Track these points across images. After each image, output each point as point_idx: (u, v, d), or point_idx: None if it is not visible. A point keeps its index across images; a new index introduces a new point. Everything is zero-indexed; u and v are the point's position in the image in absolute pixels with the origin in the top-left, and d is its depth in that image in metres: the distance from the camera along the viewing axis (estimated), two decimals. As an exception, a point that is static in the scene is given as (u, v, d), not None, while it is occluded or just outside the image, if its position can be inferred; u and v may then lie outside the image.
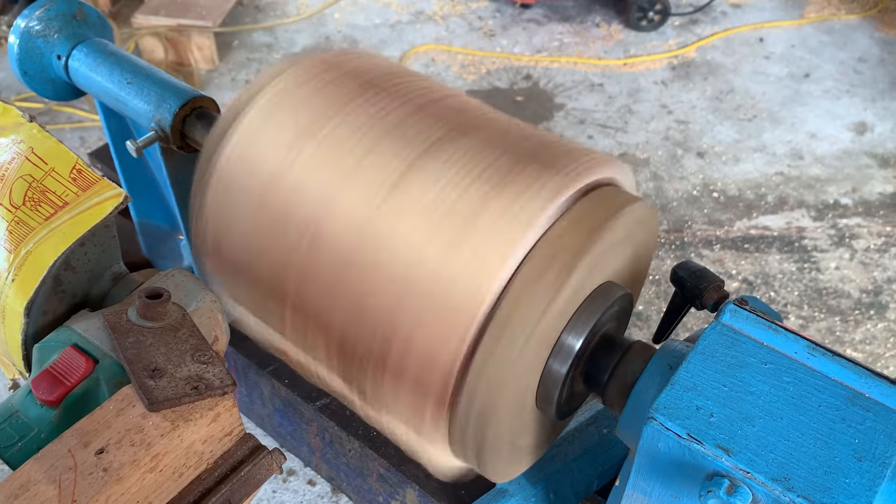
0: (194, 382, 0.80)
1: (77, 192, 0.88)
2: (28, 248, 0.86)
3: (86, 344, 0.85)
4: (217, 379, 0.81)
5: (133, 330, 0.84)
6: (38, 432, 0.80)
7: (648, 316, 2.81)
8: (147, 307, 0.85)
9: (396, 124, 0.94)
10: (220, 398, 0.80)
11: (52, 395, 0.80)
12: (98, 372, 0.83)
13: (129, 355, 0.81)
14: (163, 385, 0.79)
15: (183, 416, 0.78)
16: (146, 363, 0.81)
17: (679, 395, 0.81)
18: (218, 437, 0.80)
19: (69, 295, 0.92)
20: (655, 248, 1.06)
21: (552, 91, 3.84)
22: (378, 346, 0.91)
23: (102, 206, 0.87)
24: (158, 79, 1.27)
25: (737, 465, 0.76)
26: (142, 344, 0.83)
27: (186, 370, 0.81)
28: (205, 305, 0.95)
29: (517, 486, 1.14)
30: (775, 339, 0.85)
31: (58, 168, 0.90)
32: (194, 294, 0.95)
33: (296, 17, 4.33)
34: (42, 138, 0.92)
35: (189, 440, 0.77)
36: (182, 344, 0.84)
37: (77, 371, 0.82)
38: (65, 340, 0.86)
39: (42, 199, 0.89)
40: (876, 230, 3.14)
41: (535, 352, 0.88)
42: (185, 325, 0.86)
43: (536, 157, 0.92)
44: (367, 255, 0.89)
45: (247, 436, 0.84)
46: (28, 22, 1.33)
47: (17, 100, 3.67)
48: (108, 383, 0.82)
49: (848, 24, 4.30)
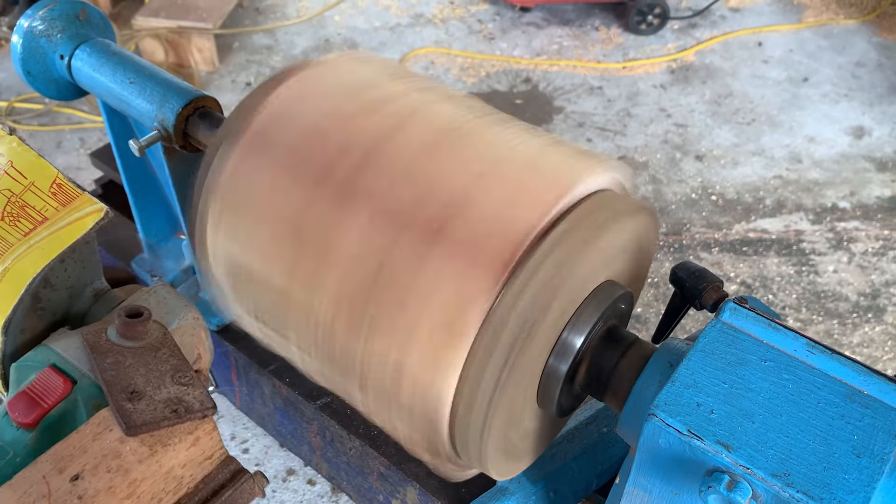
0: (174, 405, 0.78)
1: (57, 207, 0.86)
2: (6, 264, 0.85)
3: (64, 364, 0.83)
4: (197, 401, 0.79)
5: (112, 350, 0.82)
6: (14, 456, 0.77)
7: (647, 318, 2.82)
8: (127, 326, 0.83)
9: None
10: (200, 421, 0.78)
11: (28, 417, 0.78)
12: (76, 393, 0.81)
13: (108, 377, 0.79)
14: (141, 408, 0.77)
15: (161, 441, 0.76)
16: (125, 385, 0.79)
17: (679, 392, 0.82)
18: (198, 461, 0.79)
19: (48, 312, 0.89)
20: (656, 248, 1.07)
21: (551, 94, 3.86)
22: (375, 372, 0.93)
23: (83, 221, 0.85)
24: (161, 79, 1.28)
25: (737, 461, 0.76)
26: (121, 365, 0.81)
27: (166, 392, 0.79)
28: (187, 323, 0.93)
29: (517, 485, 1.14)
30: (775, 337, 0.86)
31: (37, 182, 0.88)
32: (176, 311, 0.93)
33: (296, 20, 4.34)
34: (21, 151, 0.90)
35: (168, 465, 0.76)
36: (162, 364, 0.82)
37: (55, 392, 0.80)
38: (43, 360, 0.84)
39: (21, 214, 0.86)
40: (874, 233, 3.15)
41: (536, 351, 0.89)
42: (165, 345, 0.84)
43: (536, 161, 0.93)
44: (357, 291, 0.89)
45: (228, 459, 0.82)
46: (31, 22, 1.33)
47: (18, 100, 3.68)
48: (86, 405, 0.80)
49: (846, 28, 4.32)
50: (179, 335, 0.90)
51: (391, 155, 0.92)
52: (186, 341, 0.91)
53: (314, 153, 0.94)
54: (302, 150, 0.94)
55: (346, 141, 0.94)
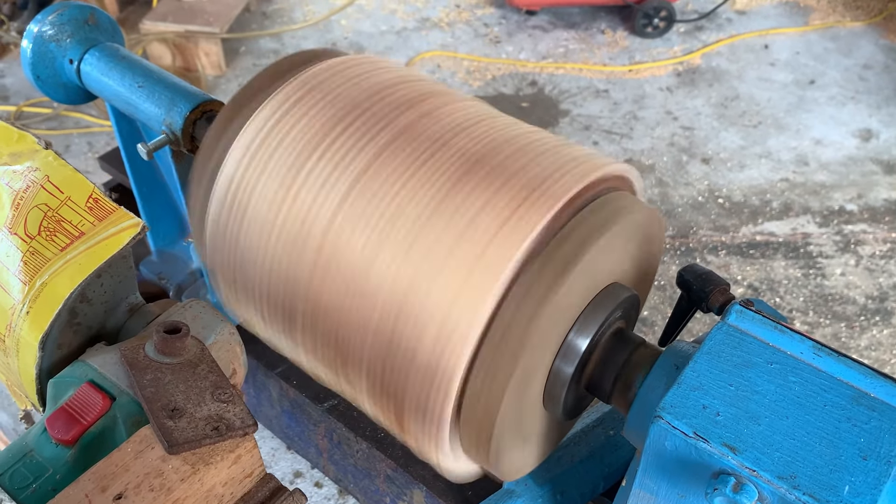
0: (215, 423, 0.77)
1: (93, 221, 0.86)
2: (43, 279, 0.84)
3: (102, 380, 0.82)
4: (238, 419, 0.78)
5: (151, 366, 0.81)
6: (53, 473, 0.76)
7: (653, 321, 2.82)
8: (165, 342, 0.82)
9: (380, 153, 0.94)
10: (241, 439, 0.77)
11: (67, 434, 0.77)
12: (115, 410, 0.79)
13: (148, 393, 0.78)
14: (182, 426, 0.76)
15: (203, 459, 0.75)
16: (165, 402, 0.78)
17: (686, 394, 0.82)
18: (238, 479, 0.78)
19: (84, 327, 0.89)
20: (663, 250, 1.07)
21: (557, 97, 3.86)
22: (380, 367, 0.92)
23: (119, 236, 0.85)
24: (170, 83, 1.29)
25: (743, 464, 0.76)
26: (160, 381, 0.80)
27: (206, 409, 0.78)
28: (223, 338, 0.92)
29: (524, 487, 1.14)
30: (781, 340, 0.86)
31: (74, 197, 0.87)
32: (212, 326, 0.92)
33: (302, 24, 4.35)
34: (58, 166, 0.89)
35: (209, 483, 0.75)
36: (201, 381, 0.81)
37: (93, 409, 0.78)
38: (80, 376, 0.83)
39: (58, 228, 0.86)
40: (881, 236, 3.14)
41: (539, 354, 0.89)
42: (204, 361, 0.83)
43: (539, 161, 0.93)
44: (360, 286, 0.90)
45: (267, 476, 0.81)
46: (41, 27, 1.34)
47: (26, 105, 3.70)
48: (125, 422, 0.79)
49: (853, 31, 4.31)
50: (216, 350, 0.89)
51: (440, 116, 0.98)
52: (222, 356, 0.90)
53: (365, 108, 0.98)
54: (350, 106, 0.99)
55: (398, 100, 0.99)
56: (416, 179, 0.91)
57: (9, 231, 0.86)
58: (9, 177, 0.89)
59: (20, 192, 0.88)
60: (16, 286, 0.85)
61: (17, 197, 0.88)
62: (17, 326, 0.85)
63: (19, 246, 0.86)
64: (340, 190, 0.92)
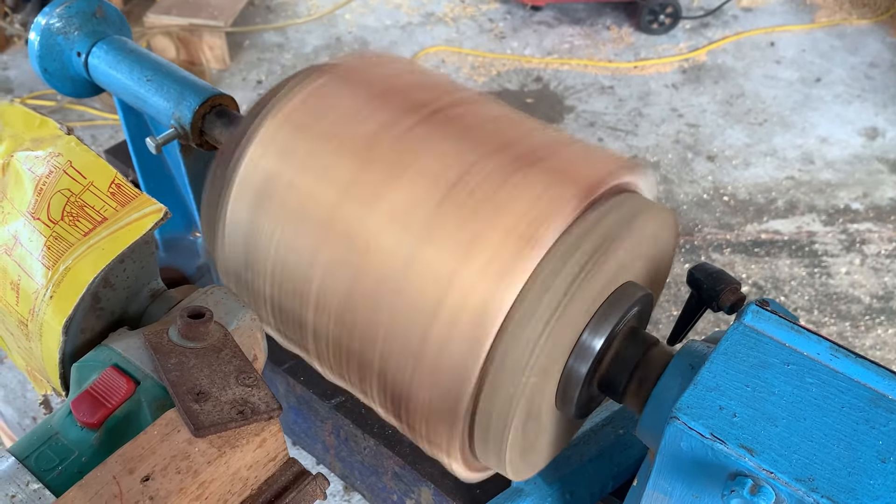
0: (240, 406, 0.77)
1: (116, 207, 0.86)
2: (66, 264, 0.84)
3: (126, 364, 0.82)
4: (263, 403, 0.78)
5: (175, 350, 0.81)
6: (79, 455, 0.77)
7: (658, 320, 2.81)
8: (189, 327, 0.82)
9: (405, 148, 0.94)
10: (266, 423, 0.77)
11: (93, 417, 0.77)
12: (140, 394, 0.80)
13: (173, 377, 0.78)
14: (208, 409, 0.76)
15: (229, 442, 0.75)
16: (190, 386, 0.78)
17: (702, 394, 0.81)
18: (263, 463, 0.78)
19: (107, 312, 0.89)
20: (676, 250, 1.06)
21: (562, 93, 3.84)
22: (383, 365, 0.92)
23: (142, 222, 0.85)
24: (178, 76, 1.28)
25: (760, 465, 0.76)
26: (184, 365, 0.80)
27: (231, 393, 0.78)
28: (245, 324, 0.92)
29: (533, 486, 1.14)
30: (797, 341, 0.85)
31: (96, 182, 0.87)
32: (234, 312, 0.92)
33: (307, 18, 4.34)
34: (80, 152, 0.89)
35: (235, 466, 0.75)
36: (225, 365, 0.81)
37: (118, 392, 0.79)
38: (104, 360, 0.83)
39: (80, 214, 0.86)
40: (887, 235, 3.13)
41: (554, 355, 0.88)
42: (227, 346, 0.84)
43: (554, 161, 0.92)
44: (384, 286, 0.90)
45: (291, 461, 0.81)
46: (49, 19, 1.33)
47: (31, 97, 3.69)
48: (149, 406, 0.79)
49: (859, 28, 4.29)
50: (238, 336, 0.89)
51: (476, 111, 0.99)
52: (244, 342, 0.90)
53: (402, 91, 1.00)
54: (388, 87, 1.01)
55: (434, 88, 1.01)
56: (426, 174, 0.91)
57: (32, 216, 0.87)
58: (31, 162, 0.89)
59: (43, 177, 0.88)
60: (39, 271, 0.85)
61: (40, 182, 0.88)
62: (40, 311, 0.85)
63: (42, 231, 0.86)
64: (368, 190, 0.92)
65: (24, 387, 1.63)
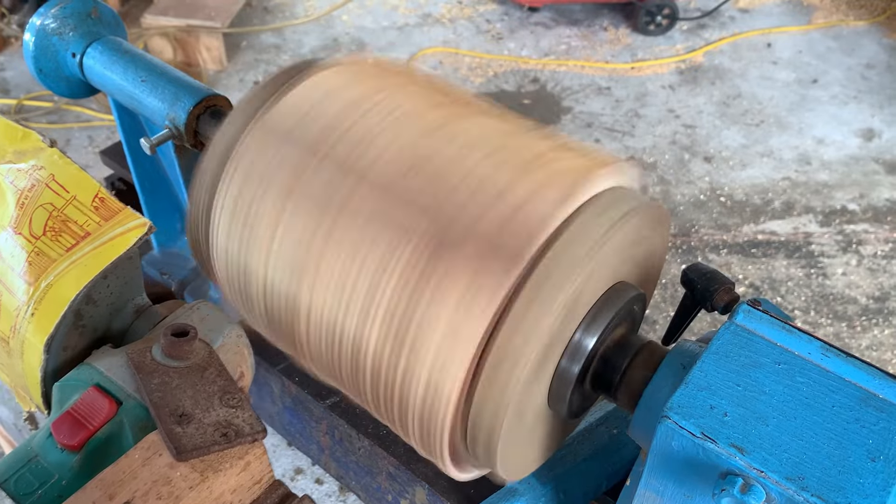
0: (223, 429, 0.76)
1: (99, 221, 0.84)
2: (48, 280, 0.82)
3: (108, 384, 0.81)
4: (247, 425, 0.77)
5: (158, 370, 0.80)
6: (59, 479, 0.75)
7: (655, 320, 2.82)
8: (173, 345, 0.80)
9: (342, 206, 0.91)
10: (250, 445, 0.76)
11: (73, 439, 0.75)
12: (121, 415, 0.78)
13: (155, 398, 0.77)
14: (191, 432, 0.74)
15: (212, 466, 0.73)
16: (173, 407, 0.76)
17: (693, 394, 0.81)
18: (247, 486, 0.77)
19: (90, 329, 0.87)
20: (668, 247, 1.07)
21: (559, 94, 3.85)
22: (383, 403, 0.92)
23: (126, 236, 0.83)
24: (173, 77, 1.28)
25: (751, 464, 0.76)
26: (167, 385, 0.78)
27: (215, 415, 0.77)
28: (231, 340, 0.90)
29: (527, 486, 1.14)
30: (789, 340, 0.85)
31: (80, 196, 0.85)
32: (220, 328, 0.90)
33: (304, 19, 4.34)
34: (63, 165, 0.88)
35: (218, 491, 0.74)
36: (210, 385, 0.80)
37: (100, 414, 0.77)
38: (86, 380, 0.82)
39: (63, 228, 0.84)
40: (883, 236, 3.14)
41: (546, 355, 0.88)
42: (212, 364, 0.82)
43: (537, 166, 0.92)
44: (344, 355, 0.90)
45: (276, 483, 0.80)
46: (44, 20, 1.33)
47: (26, 98, 3.69)
48: (132, 427, 0.78)
49: (856, 30, 4.30)
50: (223, 353, 0.87)
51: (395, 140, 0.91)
52: (230, 359, 0.89)
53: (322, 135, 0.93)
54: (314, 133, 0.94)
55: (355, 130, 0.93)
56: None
57: (14, 231, 0.85)
58: (13, 175, 0.87)
59: (25, 190, 0.86)
60: (20, 287, 0.83)
61: (22, 196, 0.86)
62: (21, 328, 0.83)
63: (24, 246, 0.84)
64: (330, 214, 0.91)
65: (19, 387, 1.63)
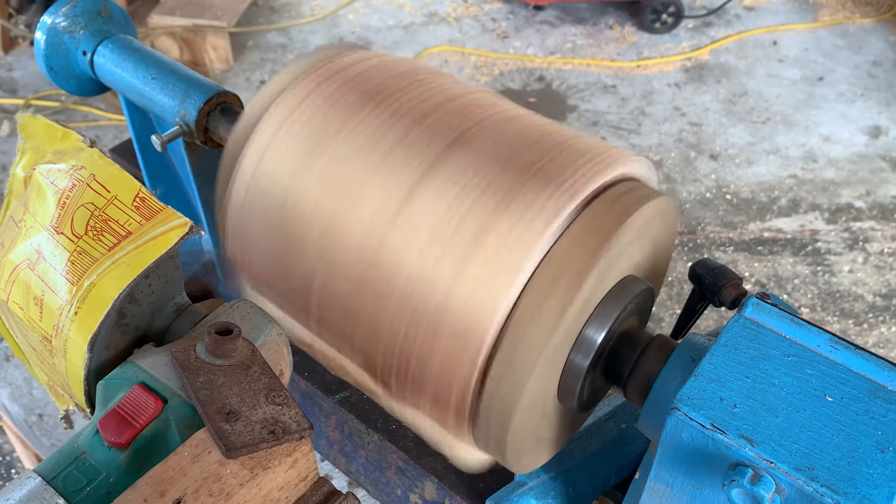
0: (271, 426, 0.75)
1: (141, 221, 0.83)
2: (91, 279, 0.82)
3: (153, 382, 0.80)
4: (294, 422, 0.76)
5: (203, 368, 0.79)
6: (107, 476, 0.74)
7: (661, 318, 2.82)
8: (217, 343, 0.80)
9: (398, 140, 0.94)
10: (297, 443, 0.76)
11: (121, 436, 0.75)
12: (168, 412, 0.77)
13: (202, 396, 0.76)
14: (239, 429, 0.74)
15: (261, 464, 0.73)
16: (220, 405, 0.76)
17: (703, 386, 0.82)
18: (294, 483, 0.77)
19: (132, 328, 0.87)
20: (675, 240, 1.07)
21: (565, 92, 3.85)
22: (396, 363, 0.92)
23: (167, 236, 0.82)
24: (183, 74, 1.29)
25: (760, 455, 0.76)
26: (213, 383, 0.78)
27: (262, 412, 0.76)
28: (271, 339, 0.90)
29: (536, 480, 1.14)
30: (798, 333, 0.86)
31: (120, 196, 0.85)
32: (261, 327, 0.90)
33: (310, 19, 4.35)
34: (104, 165, 0.87)
35: (267, 488, 0.74)
36: (255, 383, 0.79)
37: (146, 411, 0.76)
38: (131, 378, 0.81)
39: (104, 228, 0.83)
40: (890, 233, 3.14)
41: (556, 349, 0.89)
42: (255, 363, 0.82)
43: (551, 157, 0.93)
44: (379, 279, 0.90)
45: (321, 480, 0.80)
46: (55, 18, 1.34)
47: (34, 98, 3.70)
48: (178, 425, 0.77)
49: (862, 27, 4.30)
50: (264, 351, 0.87)
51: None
52: (271, 357, 0.88)
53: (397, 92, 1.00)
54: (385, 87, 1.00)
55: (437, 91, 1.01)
56: (427, 179, 0.91)
57: (55, 230, 0.85)
58: (53, 175, 0.87)
59: (66, 190, 0.86)
60: (63, 286, 0.83)
61: (63, 196, 0.86)
62: (64, 327, 0.83)
63: (66, 246, 0.84)
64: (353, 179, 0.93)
65: (29, 384, 1.64)
